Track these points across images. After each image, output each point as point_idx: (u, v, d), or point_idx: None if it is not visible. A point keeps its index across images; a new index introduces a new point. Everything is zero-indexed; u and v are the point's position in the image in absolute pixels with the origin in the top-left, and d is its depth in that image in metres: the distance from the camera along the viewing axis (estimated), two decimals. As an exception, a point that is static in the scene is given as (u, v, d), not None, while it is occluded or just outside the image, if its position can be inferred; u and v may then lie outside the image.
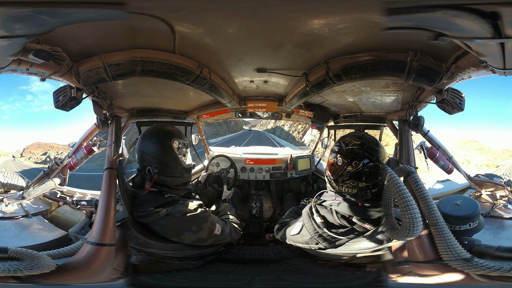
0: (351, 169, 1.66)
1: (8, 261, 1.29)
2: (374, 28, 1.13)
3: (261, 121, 68.60)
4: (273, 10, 1.08)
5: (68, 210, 2.43)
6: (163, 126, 1.82)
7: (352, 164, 1.66)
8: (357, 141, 1.69)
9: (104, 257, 1.43)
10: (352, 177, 1.66)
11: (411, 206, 1.28)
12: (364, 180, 1.63)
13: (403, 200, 1.30)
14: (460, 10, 0.88)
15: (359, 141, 1.69)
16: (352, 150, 1.68)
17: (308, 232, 1.65)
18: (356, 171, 1.65)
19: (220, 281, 1.64)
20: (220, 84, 1.83)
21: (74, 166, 2.27)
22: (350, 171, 1.66)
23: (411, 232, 1.28)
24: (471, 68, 1.25)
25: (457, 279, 1.33)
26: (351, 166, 1.66)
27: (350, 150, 1.69)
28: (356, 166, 1.65)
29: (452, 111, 1.55)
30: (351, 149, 1.69)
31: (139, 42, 1.34)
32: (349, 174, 1.66)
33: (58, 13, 0.97)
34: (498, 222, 2.09)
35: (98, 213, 1.52)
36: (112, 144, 1.77)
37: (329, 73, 1.50)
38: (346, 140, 1.74)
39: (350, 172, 1.66)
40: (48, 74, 1.34)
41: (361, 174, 1.64)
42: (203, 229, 1.63)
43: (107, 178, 1.64)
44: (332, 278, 1.63)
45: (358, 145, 1.68)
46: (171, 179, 1.72)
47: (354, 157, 1.66)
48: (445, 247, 1.36)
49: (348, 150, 1.70)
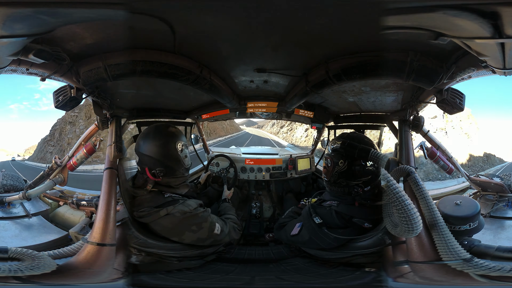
0: (339, 169, 1.73)
1: (9, 261, 1.29)
2: (374, 28, 1.13)
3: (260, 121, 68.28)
4: (273, 10, 1.09)
5: (68, 210, 2.43)
6: (165, 128, 1.78)
7: (339, 164, 1.72)
8: (339, 140, 1.77)
9: (105, 257, 1.43)
10: (341, 176, 1.72)
11: (408, 205, 1.26)
12: (353, 178, 1.69)
13: (398, 199, 1.27)
14: (460, 10, 0.88)
15: (341, 140, 1.77)
16: (336, 150, 1.76)
17: (307, 232, 1.65)
18: (344, 169, 1.71)
19: (220, 281, 1.64)
20: (220, 84, 1.83)
21: (74, 166, 2.27)
22: (338, 170, 1.73)
23: (411, 231, 1.27)
24: (471, 68, 1.25)
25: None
26: (338, 165, 1.73)
27: (334, 149, 1.77)
28: (343, 165, 1.71)
29: (452, 111, 1.55)
30: (335, 149, 1.77)
31: (139, 42, 1.34)
32: (338, 174, 1.73)
33: (58, 13, 0.97)
34: (498, 222, 2.09)
35: (98, 213, 1.52)
36: (112, 144, 1.77)
37: (329, 73, 1.50)
38: (332, 141, 1.83)
39: (338, 171, 1.73)
40: (48, 74, 1.34)
41: (349, 172, 1.70)
42: (203, 229, 1.63)
43: (107, 178, 1.64)
44: (332, 278, 1.63)
45: (340, 144, 1.75)
46: (174, 180, 1.72)
47: (339, 156, 1.73)
48: (445, 247, 1.36)
49: (333, 150, 1.78)
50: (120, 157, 1.76)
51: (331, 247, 1.61)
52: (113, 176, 1.66)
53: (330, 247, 1.61)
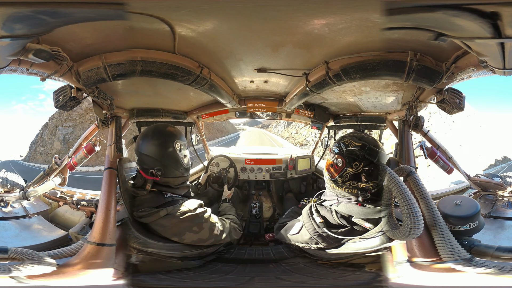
0: (352, 170, 1.64)
1: (9, 261, 1.29)
2: (374, 28, 1.13)
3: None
4: (273, 10, 1.08)
5: (68, 210, 2.43)
6: (164, 127, 1.79)
7: (352, 165, 1.64)
8: (358, 142, 1.67)
9: (105, 257, 1.43)
10: (352, 178, 1.64)
11: (412, 206, 1.29)
12: (364, 181, 1.62)
13: (405, 199, 1.30)
14: (460, 10, 0.88)
15: (360, 142, 1.66)
16: (352, 152, 1.66)
17: (308, 231, 1.65)
18: (357, 172, 1.63)
19: (220, 280, 1.64)
20: (220, 84, 1.83)
21: (74, 166, 2.27)
22: (350, 172, 1.65)
23: (412, 232, 1.28)
24: (471, 68, 1.25)
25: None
26: (352, 167, 1.64)
27: (350, 151, 1.67)
28: (357, 167, 1.63)
29: (452, 111, 1.55)
30: (352, 150, 1.66)
31: (139, 42, 1.34)
32: (349, 175, 1.65)
33: (58, 13, 0.97)
34: (498, 222, 2.09)
35: (98, 213, 1.52)
36: (112, 144, 1.77)
37: (329, 73, 1.50)
38: (346, 141, 1.71)
39: (350, 173, 1.65)
40: (48, 74, 1.34)
41: (361, 175, 1.63)
42: (204, 229, 1.63)
43: (107, 178, 1.64)
44: (331, 278, 1.63)
45: (359, 146, 1.65)
46: (173, 180, 1.72)
47: (354, 158, 1.64)
48: (445, 247, 1.36)
49: (348, 151, 1.67)
50: (120, 157, 1.76)
51: (331, 247, 1.61)
52: (113, 176, 1.66)
53: (330, 247, 1.61)
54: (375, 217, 1.57)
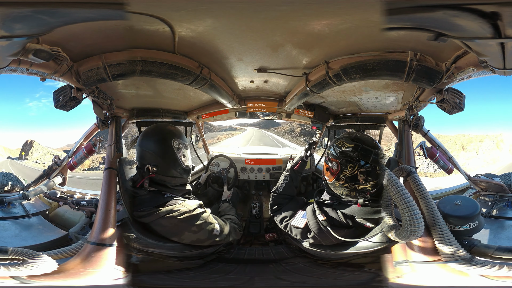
0: (347, 173, 1.61)
1: (9, 261, 1.29)
2: (374, 28, 1.13)
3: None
4: (273, 10, 1.09)
5: (68, 210, 2.42)
6: (165, 126, 1.82)
7: (348, 167, 1.61)
8: (350, 143, 1.63)
9: (105, 257, 1.43)
10: (349, 181, 1.61)
11: (412, 207, 1.28)
12: (361, 182, 1.60)
13: (404, 201, 1.30)
14: (460, 10, 0.88)
15: (352, 143, 1.62)
16: (346, 153, 1.62)
17: (311, 229, 1.65)
18: (353, 174, 1.60)
19: (220, 280, 1.64)
20: (220, 84, 1.83)
21: (74, 166, 2.27)
22: (346, 174, 1.62)
23: (413, 234, 1.28)
24: (471, 68, 1.25)
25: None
26: (347, 169, 1.61)
27: (343, 153, 1.63)
28: (352, 169, 1.60)
29: (452, 111, 1.55)
30: (345, 152, 1.63)
31: (139, 42, 1.34)
32: (346, 178, 1.62)
33: (58, 13, 0.97)
34: (498, 222, 2.09)
35: (98, 213, 1.52)
36: (112, 144, 1.77)
37: (329, 73, 1.50)
38: (339, 143, 1.67)
39: (346, 175, 1.62)
40: (48, 74, 1.34)
41: (358, 176, 1.60)
42: (203, 229, 1.63)
43: (107, 178, 1.64)
44: (331, 278, 1.63)
45: (352, 147, 1.62)
46: (169, 179, 1.72)
47: (349, 160, 1.61)
48: (445, 248, 1.36)
49: (341, 153, 1.64)
50: (120, 157, 1.76)
51: (332, 248, 1.60)
52: (113, 176, 1.66)
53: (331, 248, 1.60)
54: (376, 217, 1.57)
